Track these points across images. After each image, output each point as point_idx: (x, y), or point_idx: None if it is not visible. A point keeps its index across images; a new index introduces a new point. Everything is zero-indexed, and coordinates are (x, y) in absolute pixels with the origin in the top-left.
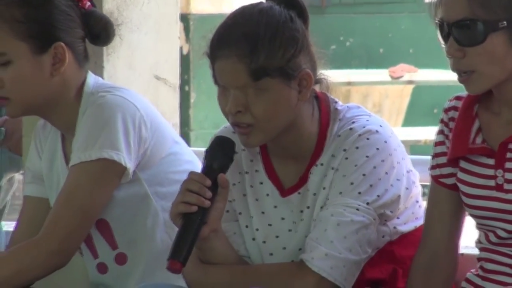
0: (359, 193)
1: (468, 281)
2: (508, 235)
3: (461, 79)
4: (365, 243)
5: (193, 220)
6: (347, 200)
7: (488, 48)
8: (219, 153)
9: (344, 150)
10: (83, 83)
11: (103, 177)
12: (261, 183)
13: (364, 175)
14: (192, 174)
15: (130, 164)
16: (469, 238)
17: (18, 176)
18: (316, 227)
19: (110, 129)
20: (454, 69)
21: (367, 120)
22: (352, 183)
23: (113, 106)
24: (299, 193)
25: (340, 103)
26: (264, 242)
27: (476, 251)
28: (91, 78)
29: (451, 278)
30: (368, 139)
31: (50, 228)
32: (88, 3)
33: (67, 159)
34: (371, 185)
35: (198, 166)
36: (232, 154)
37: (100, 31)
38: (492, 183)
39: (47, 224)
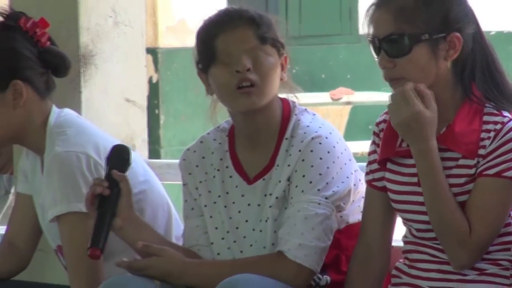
0: (318, 190)
1: (397, 269)
2: (426, 227)
3: (392, 84)
4: (328, 231)
5: (105, 213)
6: (309, 197)
7: (413, 58)
8: (116, 159)
9: (299, 151)
10: (49, 114)
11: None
12: (230, 176)
13: (320, 174)
14: (94, 179)
15: None
16: (396, 233)
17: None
18: (285, 223)
19: (72, 186)
20: (387, 78)
21: (320, 127)
22: (311, 182)
23: (69, 165)
24: (263, 179)
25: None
26: (236, 228)
27: (402, 244)
28: (54, 115)
29: (385, 269)
30: (320, 143)
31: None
32: (47, 42)
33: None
34: (327, 183)
35: (166, 209)
36: (128, 157)
37: (56, 64)
38: (415, 179)
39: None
